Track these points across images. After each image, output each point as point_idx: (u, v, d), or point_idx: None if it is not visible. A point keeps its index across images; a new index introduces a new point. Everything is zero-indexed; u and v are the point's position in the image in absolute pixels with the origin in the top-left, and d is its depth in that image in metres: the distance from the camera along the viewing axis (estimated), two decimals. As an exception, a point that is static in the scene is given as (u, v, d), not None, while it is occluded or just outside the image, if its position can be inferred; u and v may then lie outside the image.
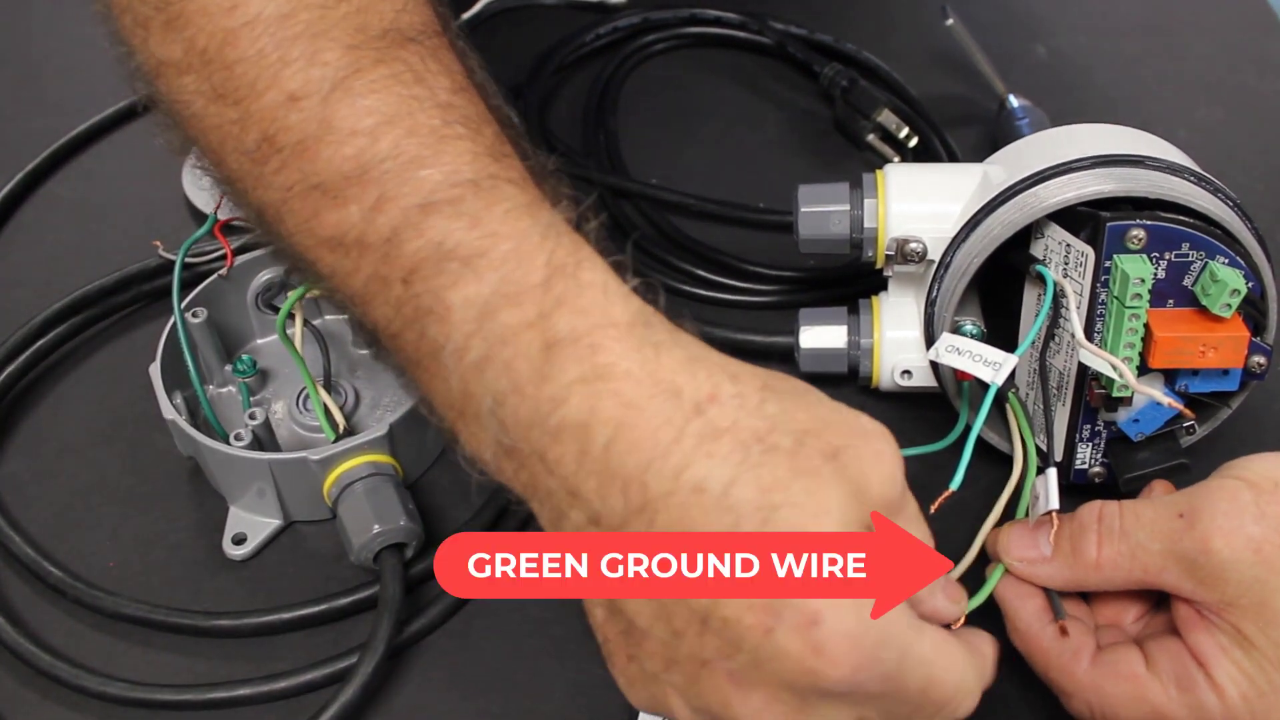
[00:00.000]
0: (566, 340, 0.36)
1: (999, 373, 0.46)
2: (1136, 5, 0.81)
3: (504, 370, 0.36)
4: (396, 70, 0.40)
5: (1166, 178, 0.47)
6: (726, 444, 0.35)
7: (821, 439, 0.36)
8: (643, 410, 0.35)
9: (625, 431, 0.35)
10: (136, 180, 0.70)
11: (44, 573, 0.51)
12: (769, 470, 0.35)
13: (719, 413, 0.35)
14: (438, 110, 0.40)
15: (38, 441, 0.57)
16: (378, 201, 0.38)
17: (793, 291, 0.63)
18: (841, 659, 0.34)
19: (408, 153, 0.39)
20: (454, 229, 0.38)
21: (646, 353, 0.36)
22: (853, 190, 0.53)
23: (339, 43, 0.40)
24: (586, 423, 0.35)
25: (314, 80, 0.40)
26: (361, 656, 0.47)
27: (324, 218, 0.39)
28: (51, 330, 0.60)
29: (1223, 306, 0.46)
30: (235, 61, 0.40)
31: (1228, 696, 0.41)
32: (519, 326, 0.36)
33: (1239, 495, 0.41)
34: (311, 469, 0.51)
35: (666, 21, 0.77)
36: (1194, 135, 0.68)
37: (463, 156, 0.39)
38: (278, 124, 0.40)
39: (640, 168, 0.70)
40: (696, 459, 0.35)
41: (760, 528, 0.34)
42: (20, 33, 0.80)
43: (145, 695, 0.48)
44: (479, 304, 0.37)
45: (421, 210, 0.38)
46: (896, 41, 0.76)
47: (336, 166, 0.39)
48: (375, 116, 0.39)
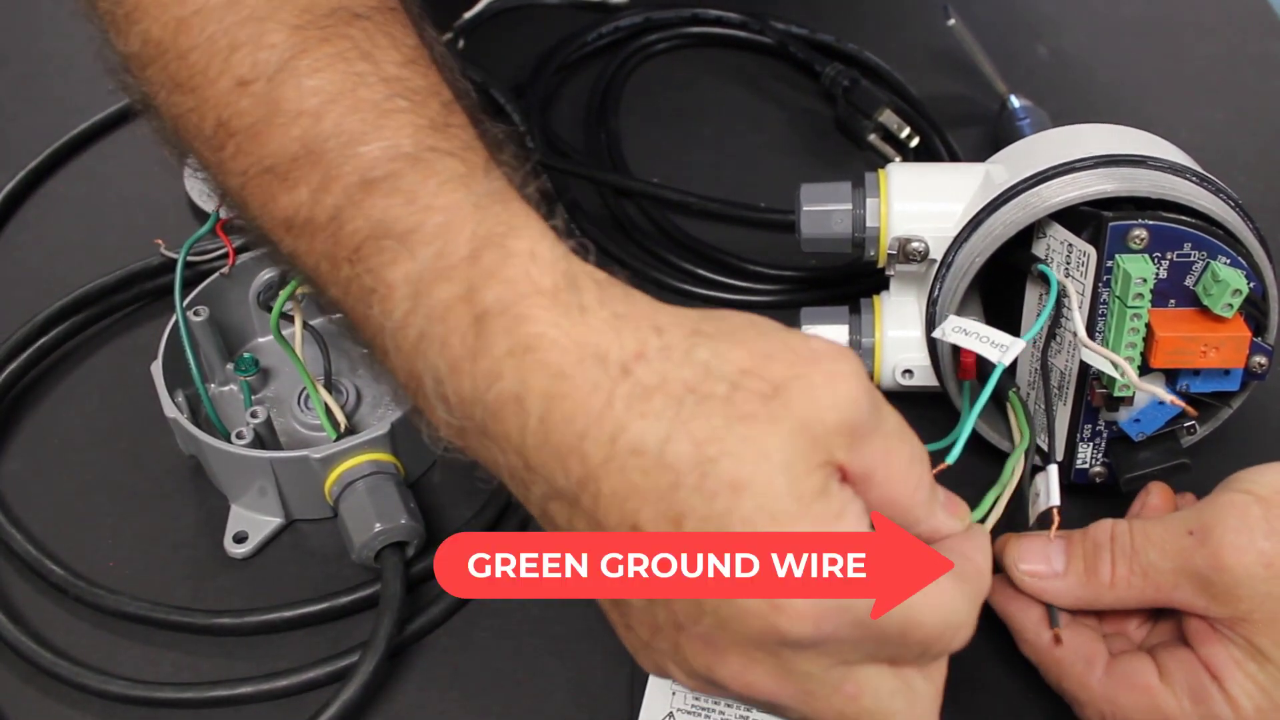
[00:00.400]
0: (495, 312, 0.35)
1: (1006, 354, 0.46)
2: (1138, 5, 0.81)
3: (440, 348, 0.36)
4: (342, 48, 0.40)
5: (1168, 178, 0.47)
6: (658, 401, 0.34)
7: (760, 377, 0.34)
8: (571, 378, 0.34)
9: (557, 403, 0.34)
10: (138, 179, 0.70)
11: (45, 571, 0.51)
12: (703, 422, 0.34)
13: (646, 370, 0.34)
14: (382, 84, 0.40)
15: (39, 440, 0.57)
16: (323, 181, 0.38)
17: (794, 291, 0.63)
18: (803, 613, 0.33)
19: (349, 130, 0.38)
20: (391, 205, 0.37)
21: (573, 317, 0.35)
22: (855, 189, 0.53)
23: (285, 24, 0.40)
24: (520, 396, 0.35)
25: (261, 63, 0.40)
26: (362, 655, 0.47)
27: (278, 200, 0.40)
28: (53, 328, 0.60)
29: (1224, 307, 0.46)
30: (188, 50, 0.41)
31: (1242, 709, 0.41)
32: (451, 301, 0.36)
33: (1248, 510, 0.41)
34: (313, 467, 0.51)
35: (668, 21, 0.77)
36: (1195, 135, 0.68)
37: (403, 130, 0.39)
38: (230, 109, 0.40)
39: (642, 167, 0.70)
40: (630, 420, 0.34)
41: (700, 483, 0.33)
42: (22, 31, 0.81)
43: (146, 693, 0.48)
44: (414, 281, 0.36)
45: (361, 187, 0.38)
46: (898, 41, 0.76)
47: (284, 148, 0.39)
48: (320, 96, 0.39)
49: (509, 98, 0.71)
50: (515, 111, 0.70)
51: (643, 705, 0.47)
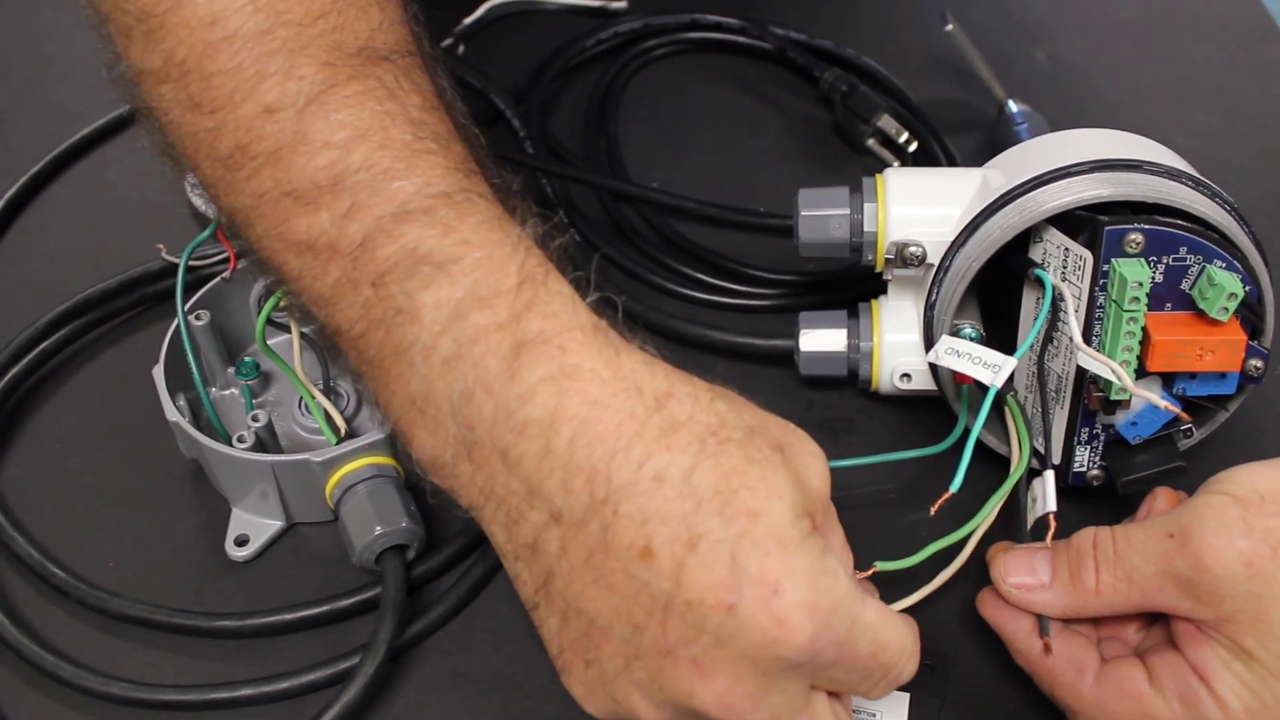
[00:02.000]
0: (536, 341, 0.38)
1: (998, 375, 0.46)
2: (1135, 11, 0.81)
3: (472, 367, 0.38)
4: (370, 86, 0.42)
5: (1164, 182, 0.48)
6: (684, 436, 0.37)
7: (766, 434, 0.39)
8: (607, 406, 0.37)
9: (590, 427, 0.37)
10: (140, 184, 0.70)
11: (47, 574, 0.51)
12: (725, 459, 0.37)
13: (677, 408, 0.38)
14: (410, 126, 0.42)
15: (41, 443, 0.58)
16: (350, 210, 0.40)
17: (793, 295, 0.63)
18: (801, 626, 0.36)
19: (380, 165, 0.40)
20: (427, 236, 0.39)
21: (609, 354, 0.39)
22: (853, 194, 0.54)
23: (315, 59, 0.41)
24: (552, 419, 0.37)
25: (290, 94, 0.41)
26: (363, 657, 0.47)
27: (294, 223, 0.41)
28: (55, 333, 0.60)
29: (1220, 310, 0.46)
30: (214, 73, 0.42)
31: (1231, 710, 0.41)
32: (490, 327, 0.38)
33: (1226, 511, 0.42)
34: (314, 471, 0.51)
35: (667, 27, 0.78)
36: (1192, 140, 0.68)
37: (435, 170, 0.41)
38: (253, 134, 0.41)
39: (641, 172, 0.70)
40: (656, 451, 0.37)
41: (721, 509, 0.37)
42: (24, 37, 0.81)
43: (147, 695, 0.48)
44: (450, 306, 0.39)
45: (395, 219, 0.40)
46: (896, 47, 0.77)
47: (309, 175, 0.40)
48: (349, 130, 0.41)
49: (509, 103, 0.71)
50: (515, 117, 0.71)
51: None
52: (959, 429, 0.51)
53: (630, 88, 0.75)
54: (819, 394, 0.59)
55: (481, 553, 0.52)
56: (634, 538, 0.37)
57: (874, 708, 0.47)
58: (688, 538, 0.36)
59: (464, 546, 0.52)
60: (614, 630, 0.38)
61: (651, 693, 0.38)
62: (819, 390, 0.59)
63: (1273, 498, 0.42)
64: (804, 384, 0.59)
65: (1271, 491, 0.42)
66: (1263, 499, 0.42)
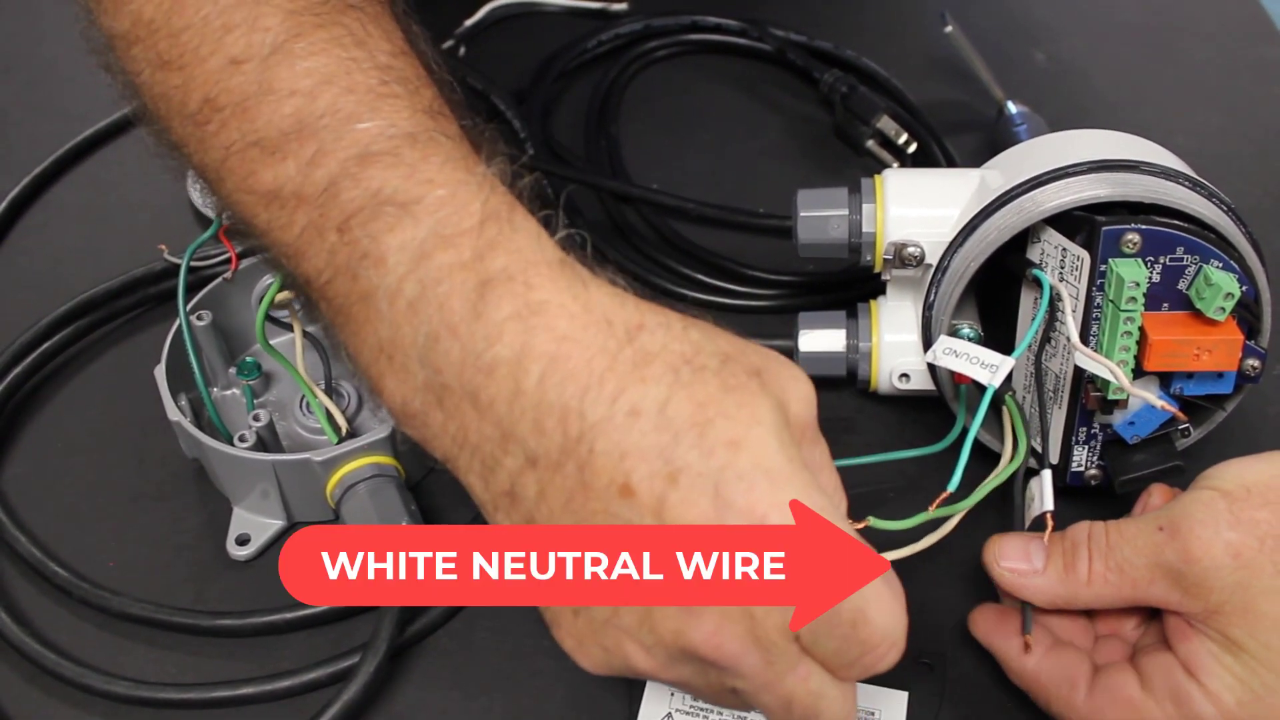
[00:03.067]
0: (500, 278, 0.37)
1: (995, 375, 0.47)
2: (1134, 12, 0.82)
3: (437, 309, 0.37)
4: (336, 34, 0.41)
5: (1161, 182, 0.48)
6: (658, 367, 0.36)
7: (743, 360, 0.38)
8: (577, 341, 0.36)
9: (559, 364, 0.36)
10: (142, 185, 0.70)
11: (49, 573, 0.52)
12: (700, 388, 0.36)
13: (649, 339, 0.37)
14: (376, 71, 0.41)
15: (44, 443, 0.58)
16: (315, 155, 0.40)
17: (792, 296, 0.63)
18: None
19: (345, 109, 0.40)
20: (390, 177, 0.39)
21: (577, 288, 0.37)
22: (851, 195, 0.54)
23: (280, 9, 0.41)
24: (519, 358, 0.36)
25: (255, 44, 0.41)
26: (363, 656, 0.47)
27: (261, 174, 0.41)
28: (58, 333, 0.60)
29: (1217, 310, 0.46)
30: (181, 29, 0.42)
31: (1222, 702, 0.41)
32: (453, 266, 0.37)
33: (1214, 504, 0.42)
34: (315, 470, 0.51)
35: (668, 28, 0.78)
36: (1191, 141, 0.69)
37: (400, 112, 0.40)
38: (219, 86, 0.41)
39: (642, 173, 0.70)
40: (630, 384, 0.36)
41: (698, 440, 0.35)
42: (27, 39, 0.81)
43: (149, 694, 0.48)
44: (414, 247, 0.38)
45: (359, 161, 0.39)
46: (896, 48, 0.77)
47: (275, 124, 0.40)
48: (314, 77, 0.40)
49: (510, 104, 0.72)
50: (516, 118, 0.71)
51: (641, 706, 0.48)
52: (957, 428, 0.51)
53: (631, 89, 0.76)
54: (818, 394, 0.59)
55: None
56: (612, 475, 0.36)
57: (872, 706, 0.47)
58: (667, 472, 0.35)
59: (464, 546, 0.53)
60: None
61: (642, 636, 0.37)
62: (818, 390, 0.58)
63: (1259, 490, 0.42)
64: (803, 384, 0.59)
65: (1258, 484, 0.42)
66: (1249, 492, 0.42)
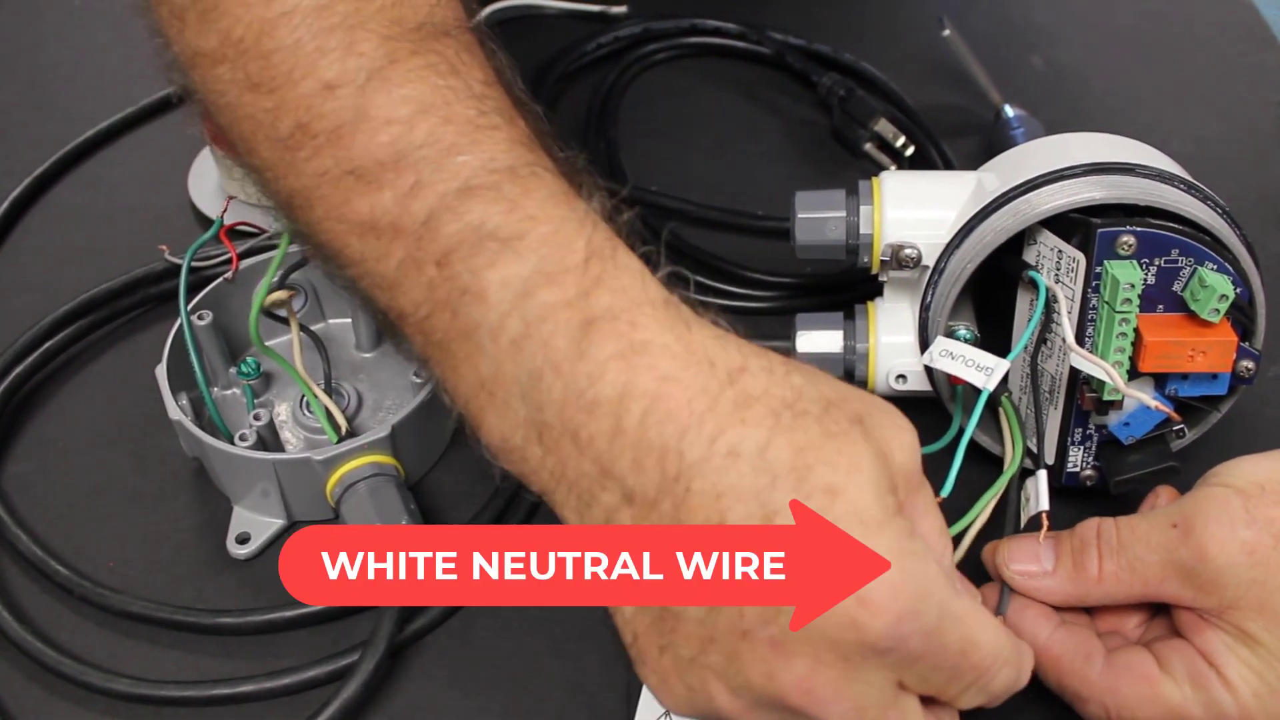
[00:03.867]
0: (605, 317, 0.37)
1: (991, 378, 0.47)
2: (1132, 17, 0.82)
3: (541, 347, 0.37)
4: (432, 61, 0.41)
5: (1157, 185, 0.48)
6: (758, 411, 0.36)
7: (846, 407, 0.37)
8: (678, 381, 0.36)
9: (661, 403, 0.36)
10: (143, 186, 0.70)
11: (50, 571, 0.52)
12: (801, 433, 0.36)
13: (751, 381, 0.37)
14: (473, 100, 0.41)
15: (45, 442, 0.58)
16: (414, 187, 0.39)
17: (790, 297, 0.64)
18: (885, 607, 0.35)
19: (444, 140, 0.39)
20: (492, 213, 0.38)
21: (680, 329, 0.37)
22: (849, 197, 0.54)
23: (375, 34, 0.41)
24: (621, 396, 0.36)
25: (350, 70, 0.40)
26: (363, 654, 0.48)
27: (356, 203, 0.40)
28: (59, 332, 0.60)
29: (1211, 311, 0.46)
30: (272, 51, 0.41)
31: (1240, 695, 0.41)
32: (558, 305, 0.37)
33: (1228, 501, 0.42)
34: (315, 469, 0.51)
35: (667, 31, 0.78)
36: (1188, 145, 0.69)
37: (499, 145, 0.40)
38: (313, 112, 0.40)
39: (641, 175, 0.70)
40: (730, 425, 0.36)
41: (797, 485, 0.35)
42: (29, 40, 0.81)
43: (150, 691, 0.48)
44: (517, 284, 0.37)
45: (459, 195, 0.39)
46: (894, 52, 0.77)
47: (372, 153, 0.40)
48: (411, 105, 0.40)
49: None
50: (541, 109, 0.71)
51: (639, 705, 0.48)
52: (953, 429, 0.51)
53: (630, 92, 0.76)
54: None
55: (480, 551, 0.53)
56: (708, 514, 0.35)
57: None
58: (763, 514, 0.35)
59: (463, 544, 0.53)
60: (688, 613, 0.37)
61: (729, 677, 0.36)
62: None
63: (1273, 488, 0.42)
64: (801, 385, 0.59)
65: (1272, 482, 0.43)
66: (1263, 490, 0.42)
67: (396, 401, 0.57)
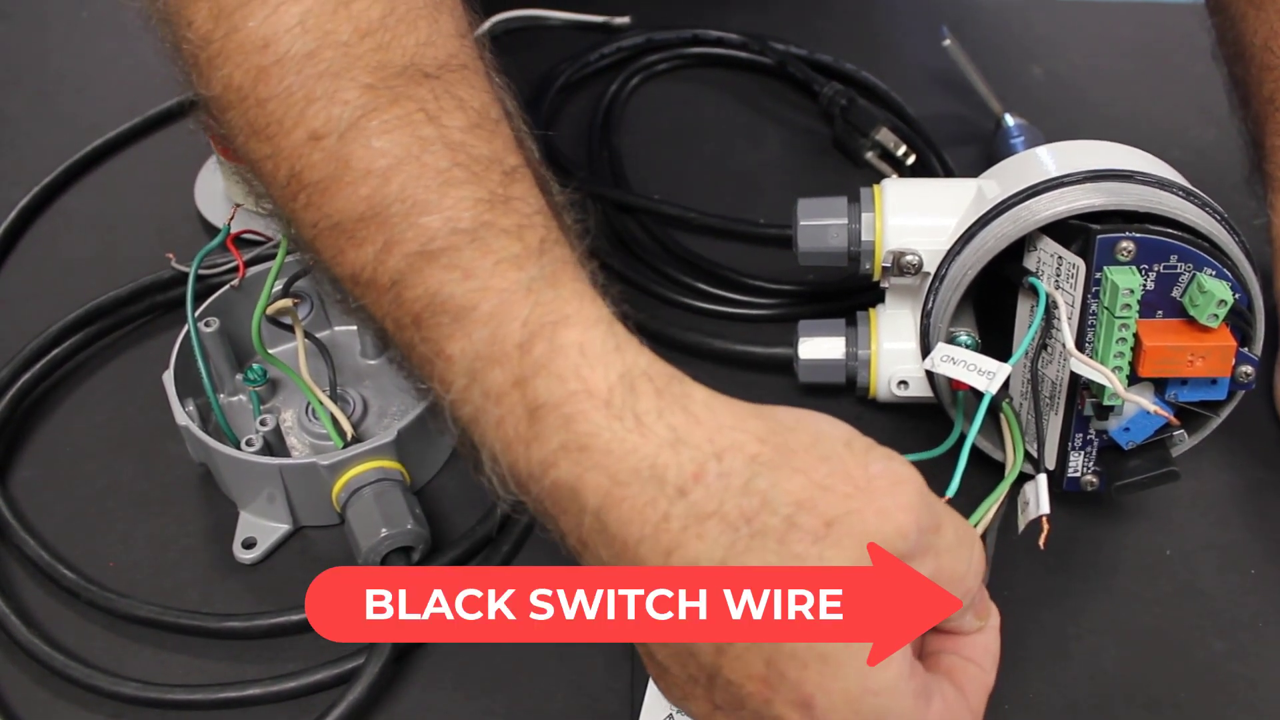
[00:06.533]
0: (547, 406, 0.36)
1: (993, 382, 0.47)
2: (1131, 28, 0.82)
3: (495, 428, 0.37)
4: (409, 110, 0.41)
5: (1156, 192, 0.49)
6: (714, 526, 0.35)
7: (814, 512, 0.35)
8: (628, 487, 0.35)
9: (614, 505, 0.36)
10: (150, 194, 0.71)
11: (58, 575, 0.52)
12: (756, 555, 0.35)
13: (704, 494, 0.35)
14: (446, 152, 0.40)
15: (53, 447, 0.58)
16: (386, 244, 0.39)
17: (792, 304, 0.64)
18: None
19: (413, 196, 0.39)
20: (447, 280, 0.38)
21: (628, 424, 0.36)
22: (850, 204, 0.55)
23: (357, 82, 0.41)
24: (576, 489, 0.36)
25: (333, 119, 0.40)
26: (368, 657, 0.48)
27: (346, 256, 0.41)
28: (67, 339, 0.61)
29: (1210, 317, 0.47)
30: (266, 99, 0.41)
31: None
32: (505, 386, 0.37)
33: None
34: (321, 474, 0.52)
35: (669, 42, 0.79)
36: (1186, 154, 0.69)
37: (463, 203, 0.39)
38: (303, 161, 0.41)
39: (643, 184, 0.71)
40: (686, 540, 0.35)
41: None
42: (36, 50, 0.82)
43: (156, 695, 0.49)
44: (469, 360, 0.38)
45: (421, 257, 0.39)
46: (895, 61, 0.78)
47: (352, 207, 0.40)
48: (387, 158, 0.40)
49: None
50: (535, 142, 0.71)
51: (643, 707, 0.48)
52: (954, 434, 0.52)
53: (633, 102, 0.76)
54: (817, 401, 0.60)
55: (485, 555, 0.53)
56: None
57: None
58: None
59: (468, 549, 0.53)
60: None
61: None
62: (817, 398, 0.60)
63: None
64: (803, 391, 0.59)
65: None
66: None
67: (402, 407, 0.57)
